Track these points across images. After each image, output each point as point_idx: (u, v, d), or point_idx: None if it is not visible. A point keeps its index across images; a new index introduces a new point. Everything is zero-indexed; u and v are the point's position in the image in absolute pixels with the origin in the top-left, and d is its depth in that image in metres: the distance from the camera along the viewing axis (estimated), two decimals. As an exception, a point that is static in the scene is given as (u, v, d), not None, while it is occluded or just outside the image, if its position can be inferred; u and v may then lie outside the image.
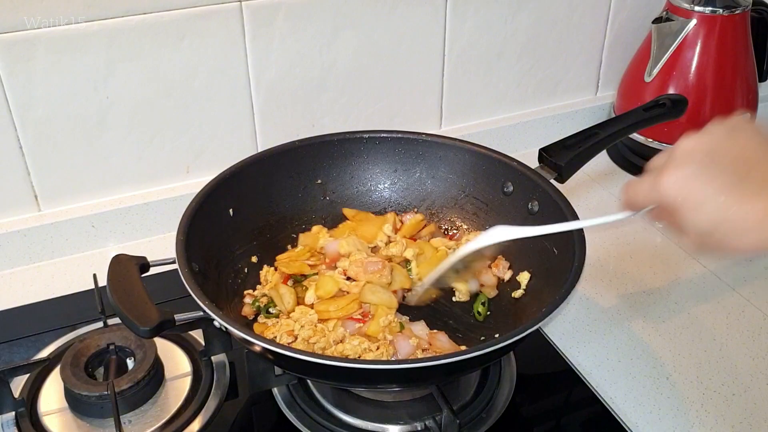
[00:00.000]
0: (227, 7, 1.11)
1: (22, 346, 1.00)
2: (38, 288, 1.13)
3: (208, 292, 0.81)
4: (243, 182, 1.00)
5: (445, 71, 1.34)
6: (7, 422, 0.86)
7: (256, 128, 1.24)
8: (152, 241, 1.22)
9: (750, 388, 0.95)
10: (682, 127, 1.32)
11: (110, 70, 1.09)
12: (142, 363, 0.89)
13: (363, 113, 1.31)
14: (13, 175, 1.11)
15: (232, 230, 0.99)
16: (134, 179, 1.20)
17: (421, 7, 1.25)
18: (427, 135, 1.09)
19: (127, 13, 1.06)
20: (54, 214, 1.16)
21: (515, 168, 1.01)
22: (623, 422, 0.90)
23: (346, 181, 1.10)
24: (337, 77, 1.25)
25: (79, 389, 0.86)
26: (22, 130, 1.08)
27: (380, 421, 0.88)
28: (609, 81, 1.52)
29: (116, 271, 0.81)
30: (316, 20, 1.18)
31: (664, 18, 1.31)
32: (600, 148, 1.01)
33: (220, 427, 0.89)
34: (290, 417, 0.90)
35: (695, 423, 0.90)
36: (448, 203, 1.10)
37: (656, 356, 1.00)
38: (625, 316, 1.07)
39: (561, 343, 1.02)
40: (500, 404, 0.91)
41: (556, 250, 0.91)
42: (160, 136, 1.18)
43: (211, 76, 1.16)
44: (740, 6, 1.28)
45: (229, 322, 0.76)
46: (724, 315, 1.07)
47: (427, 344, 0.90)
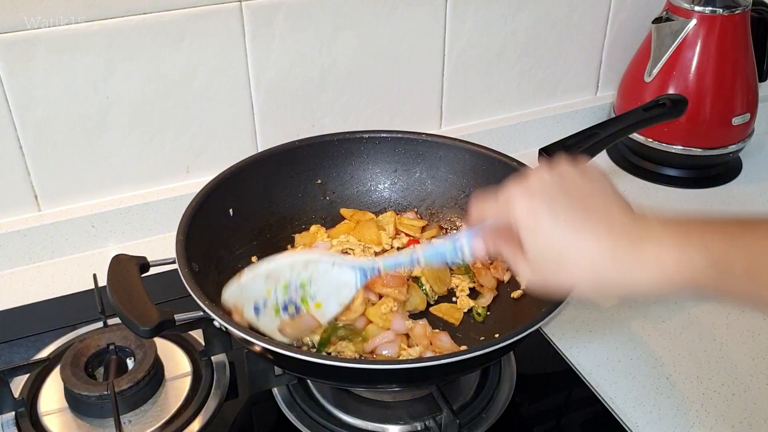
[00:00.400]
0: (227, 7, 1.11)
1: (22, 346, 1.00)
2: (38, 288, 1.13)
3: (208, 292, 0.81)
4: (243, 182, 1.00)
5: (445, 71, 1.34)
6: (7, 422, 0.86)
7: (256, 128, 1.24)
8: (152, 241, 1.22)
9: (750, 388, 0.95)
10: (682, 127, 1.33)
11: (110, 70, 1.09)
12: (142, 363, 0.89)
13: (363, 113, 1.31)
14: (13, 175, 1.11)
15: (232, 230, 0.99)
16: (134, 179, 1.20)
17: (421, 7, 1.25)
18: (427, 135, 1.09)
19: (127, 13, 1.06)
20: (54, 214, 1.16)
21: (515, 168, 1.01)
22: (623, 422, 0.90)
23: (346, 181, 1.10)
24: (337, 77, 1.25)
25: (79, 389, 0.86)
26: (22, 130, 1.08)
27: (380, 421, 0.88)
28: (609, 81, 1.52)
29: (116, 271, 0.81)
30: (316, 20, 1.18)
31: (664, 18, 1.31)
32: (600, 148, 1.01)
33: (220, 427, 0.89)
34: (290, 417, 0.90)
35: (695, 423, 0.90)
36: (448, 203, 1.10)
37: (656, 356, 1.00)
38: (625, 316, 1.07)
39: (561, 343, 1.02)
40: (500, 404, 0.91)
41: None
42: (160, 136, 1.18)
43: (211, 76, 1.16)
44: (740, 6, 1.28)
45: (229, 322, 0.76)
46: (724, 315, 1.07)
47: (428, 343, 0.90)
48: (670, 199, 1.35)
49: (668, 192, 1.37)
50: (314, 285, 0.83)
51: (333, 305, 0.83)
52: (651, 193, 1.37)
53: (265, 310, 0.83)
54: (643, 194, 1.36)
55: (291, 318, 0.82)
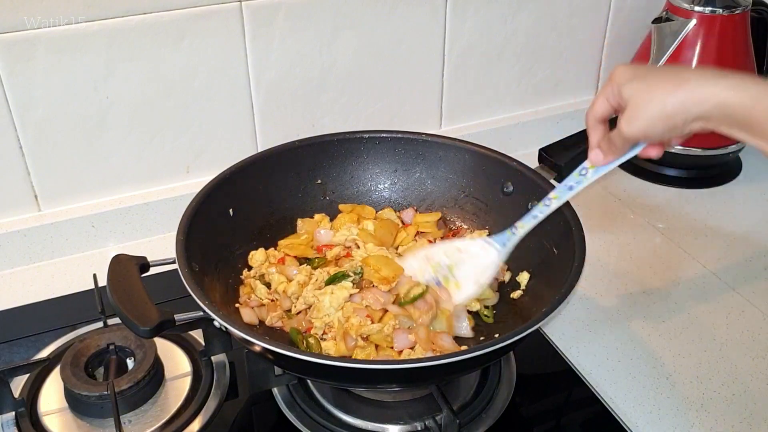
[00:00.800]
0: (227, 7, 1.11)
1: (22, 346, 1.00)
2: (38, 288, 1.13)
3: (208, 292, 0.81)
4: (243, 182, 1.00)
5: (445, 71, 1.34)
6: (7, 422, 0.86)
7: (256, 128, 1.24)
8: (152, 241, 1.22)
9: (750, 388, 0.95)
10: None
11: (110, 70, 1.09)
12: (142, 363, 0.89)
13: (363, 113, 1.31)
14: (13, 175, 1.11)
15: (232, 230, 0.99)
16: (134, 179, 1.20)
17: (421, 7, 1.25)
18: (427, 135, 1.09)
19: (127, 13, 1.06)
20: (54, 214, 1.16)
21: (515, 168, 1.01)
22: (623, 422, 0.90)
23: (346, 181, 1.10)
24: (337, 77, 1.25)
25: (79, 389, 0.86)
26: (22, 130, 1.08)
27: (380, 421, 0.88)
28: (609, 81, 1.51)
29: (116, 271, 0.81)
30: (316, 20, 1.18)
31: (664, 18, 1.31)
32: (600, 148, 1.01)
33: (220, 427, 0.89)
34: (290, 417, 0.90)
35: (695, 423, 0.90)
36: (448, 203, 1.10)
37: (656, 356, 1.00)
38: (625, 316, 1.07)
39: (561, 343, 1.02)
40: (500, 404, 0.91)
41: (556, 250, 0.91)
42: (160, 136, 1.18)
43: (211, 76, 1.16)
44: (740, 6, 1.28)
45: (229, 322, 0.76)
46: (724, 315, 1.07)
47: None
48: (670, 199, 1.35)
49: (668, 192, 1.37)
50: (460, 269, 0.95)
51: (470, 286, 0.94)
52: (651, 193, 1.37)
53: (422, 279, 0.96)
54: (643, 194, 1.36)
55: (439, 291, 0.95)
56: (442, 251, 0.97)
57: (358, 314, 0.90)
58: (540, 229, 0.92)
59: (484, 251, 0.94)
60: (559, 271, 0.86)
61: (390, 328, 0.89)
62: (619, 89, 0.75)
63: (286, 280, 0.97)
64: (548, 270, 0.92)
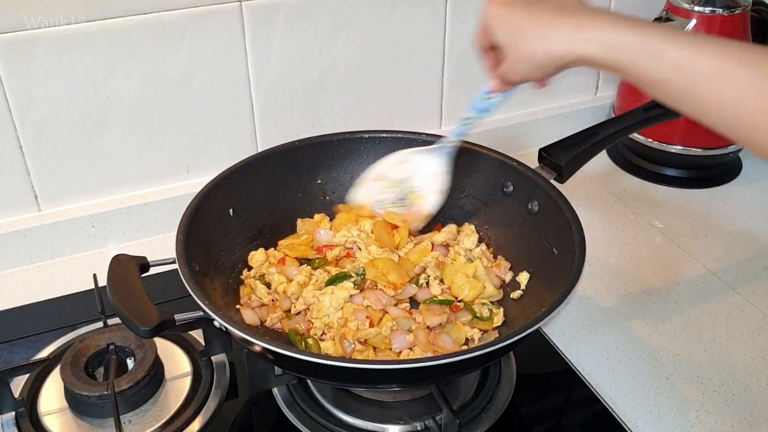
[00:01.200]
0: (227, 7, 1.11)
1: (22, 346, 1.00)
2: (38, 288, 1.13)
3: (208, 292, 0.81)
4: (243, 182, 1.00)
5: (445, 71, 1.34)
6: (7, 422, 0.86)
7: (256, 128, 1.24)
8: (152, 241, 1.22)
9: (750, 388, 0.95)
10: (682, 127, 1.33)
11: (110, 70, 1.09)
12: (142, 363, 0.89)
13: (363, 113, 1.31)
14: (13, 175, 1.11)
15: (232, 230, 0.99)
16: (134, 179, 1.20)
17: (421, 7, 1.25)
18: (427, 135, 1.09)
19: (127, 13, 1.06)
20: (54, 214, 1.16)
21: (515, 168, 1.01)
22: (623, 422, 0.90)
23: (346, 181, 1.10)
24: (337, 77, 1.25)
25: (79, 389, 0.86)
26: (22, 130, 1.08)
27: (380, 421, 0.88)
28: (609, 81, 1.52)
29: (116, 271, 0.81)
30: (316, 20, 1.18)
31: (664, 18, 1.31)
32: (600, 148, 1.01)
33: (220, 427, 0.89)
34: (290, 417, 0.90)
35: (695, 423, 0.90)
36: (448, 203, 1.09)
37: (656, 356, 1.00)
38: (625, 316, 1.07)
39: (561, 343, 1.02)
40: (500, 404, 0.91)
41: (556, 250, 0.91)
42: (160, 136, 1.18)
43: (211, 76, 1.16)
44: (740, 6, 1.28)
45: (229, 322, 0.76)
46: (724, 315, 1.07)
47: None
48: (670, 199, 1.35)
49: (668, 192, 1.37)
50: (415, 180, 0.95)
51: (432, 195, 0.94)
52: (651, 193, 1.37)
53: (385, 206, 0.96)
54: (643, 194, 1.36)
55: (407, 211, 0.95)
56: (391, 168, 0.98)
57: (357, 316, 0.90)
58: (540, 229, 0.92)
59: (428, 159, 0.96)
60: (559, 271, 0.86)
61: (388, 330, 0.89)
62: (493, 36, 0.78)
63: (286, 280, 0.97)
64: (548, 270, 0.92)
